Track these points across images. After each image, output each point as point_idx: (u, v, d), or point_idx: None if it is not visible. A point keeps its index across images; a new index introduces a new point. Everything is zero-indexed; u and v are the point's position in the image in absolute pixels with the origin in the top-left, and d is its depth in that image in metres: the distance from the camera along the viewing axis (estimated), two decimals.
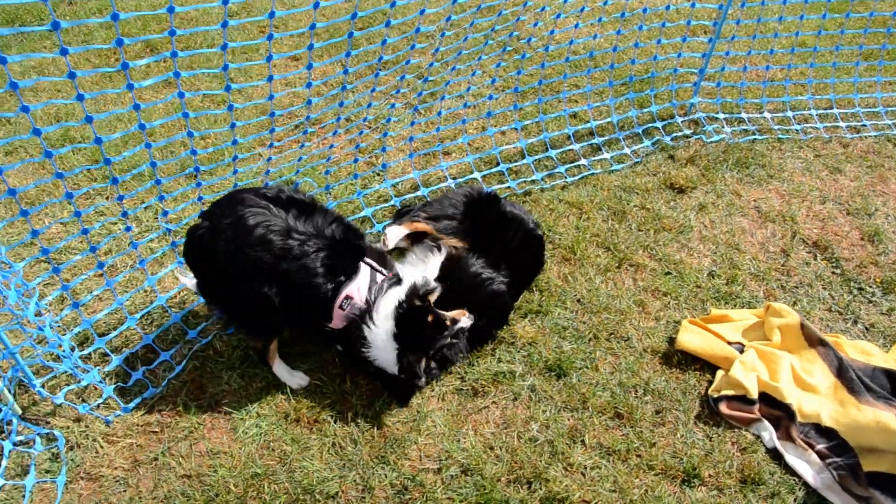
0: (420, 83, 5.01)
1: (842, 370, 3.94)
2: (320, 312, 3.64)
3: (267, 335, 3.77)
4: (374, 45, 4.59)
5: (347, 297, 3.64)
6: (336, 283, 3.61)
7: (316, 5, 3.65)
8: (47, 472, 3.42)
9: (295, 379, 3.86)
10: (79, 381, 3.68)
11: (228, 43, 3.50)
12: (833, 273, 4.74)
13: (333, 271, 3.59)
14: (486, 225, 4.24)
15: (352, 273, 3.68)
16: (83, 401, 3.70)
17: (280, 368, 3.86)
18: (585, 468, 3.54)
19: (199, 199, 4.19)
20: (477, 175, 5.24)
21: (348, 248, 3.71)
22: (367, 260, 3.78)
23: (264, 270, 3.43)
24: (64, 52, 3.07)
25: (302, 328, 3.95)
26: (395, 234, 4.24)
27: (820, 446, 3.68)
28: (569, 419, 3.76)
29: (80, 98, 3.25)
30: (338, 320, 3.66)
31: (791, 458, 3.64)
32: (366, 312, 3.64)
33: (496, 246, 4.17)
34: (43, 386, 3.66)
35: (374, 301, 3.67)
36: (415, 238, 4.31)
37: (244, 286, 3.47)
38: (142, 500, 3.33)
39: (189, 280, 3.95)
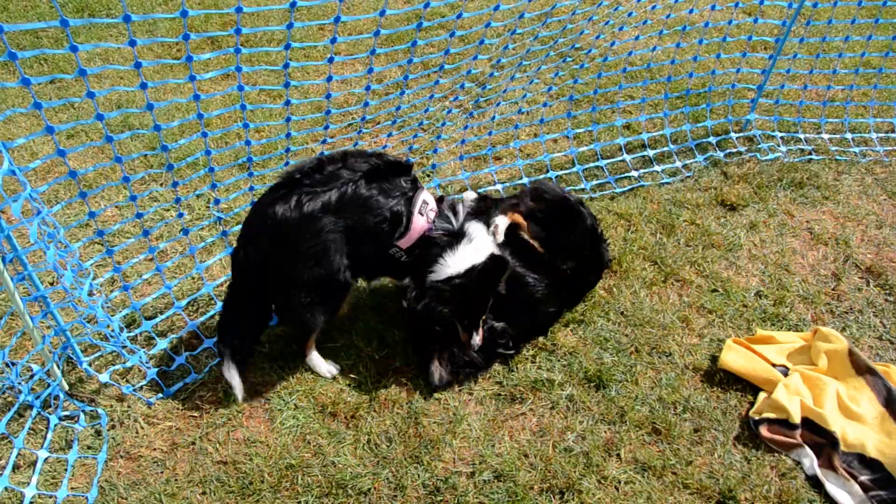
0: (479, 90, 5.03)
1: (891, 400, 3.84)
2: (390, 232, 3.67)
3: (325, 317, 3.76)
4: (436, 55, 4.61)
5: (425, 202, 3.72)
6: (403, 195, 3.67)
7: (382, 12, 3.68)
8: (89, 448, 3.51)
9: (327, 367, 3.92)
10: (124, 362, 3.77)
11: (291, 43, 3.55)
12: (886, 300, 4.62)
13: (391, 188, 3.65)
14: (562, 232, 4.23)
15: (415, 186, 3.75)
16: (127, 381, 3.79)
17: (315, 358, 3.91)
18: (619, 482, 3.51)
19: (251, 188, 4.25)
20: (525, 181, 5.23)
21: (397, 167, 3.75)
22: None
23: (327, 241, 3.46)
24: (132, 43, 3.16)
25: (371, 272, 3.96)
26: (503, 225, 4.16)
27: (863, 477, 3.58)
28: (605, 432, 3.73)
29: (143, 86, 3.34)
30: (415, 232, 3.70)
31: (832, 488, 3.55)
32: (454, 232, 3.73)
33: (563, 254, 4.18)
34: (90, 364, 3.76)
35: (463, 224, 3.76)
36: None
37: (308, 269, 3.49)
38: (178, 482, 3.39)
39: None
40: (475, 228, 3.81)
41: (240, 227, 4.42)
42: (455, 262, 3.71)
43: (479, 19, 6.35)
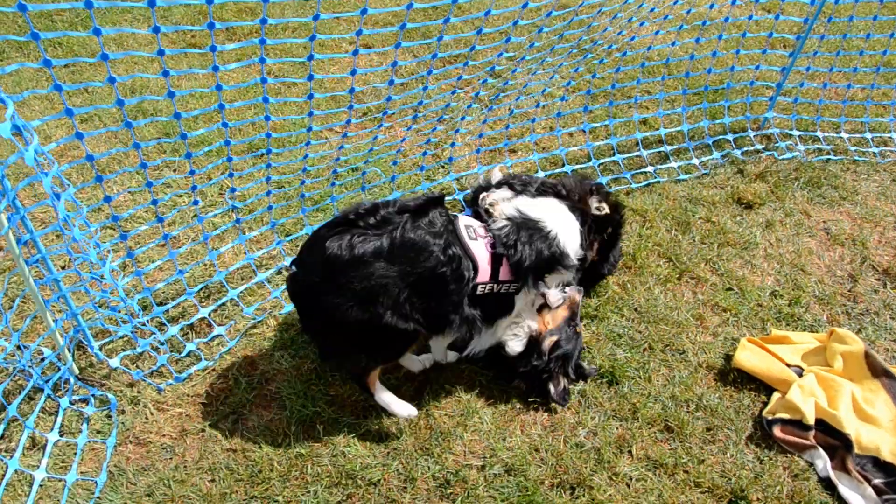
0: (500, 86, 5.00)
1: None
2: (456, 276, 3.42)
3: (372, 363, 3.56)
4: (461, 51, 4.58)
5: (467, 226, 3.55)
6: (446, 230, 3.45)
7: (409, 6, 3.64)
8: (98, 432, 3.51)
9: (403, 408, 3.63)
10: (135, 347, 3.76)
11: (316, 34, 3.51)
12: None
13: (431, 223, 3.44)
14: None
15: (449, 217, 3.56)
16: (137, 367, 3.79)
17: (384, 397, 3.63)
18: (631, 479, 3.48)
19: (268, 179, 4.24)
20: (541, 174, 5.20)
21: (430, 203, 3.55)
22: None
23: (377, 286, 3.25)
24: (156, 29, 3.15)
25: (440, 322, 3.52)
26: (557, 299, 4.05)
27: (877, 481, 3.54)
28: (617, 428, 3.70)
29: (165, 74, 3.32)
30: (483, 261, 3.50)
31: (845, 490, 3.51)
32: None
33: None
34: (101, 349, 3.75)
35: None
36: None
37: (353, 311, 3.25)
38: (186, 469, 3.38)
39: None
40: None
41: (252, 216, 4.44)
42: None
43: (504, 17, 6.32)
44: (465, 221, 3.61)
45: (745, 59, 6.29)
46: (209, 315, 4.05)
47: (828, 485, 3.54)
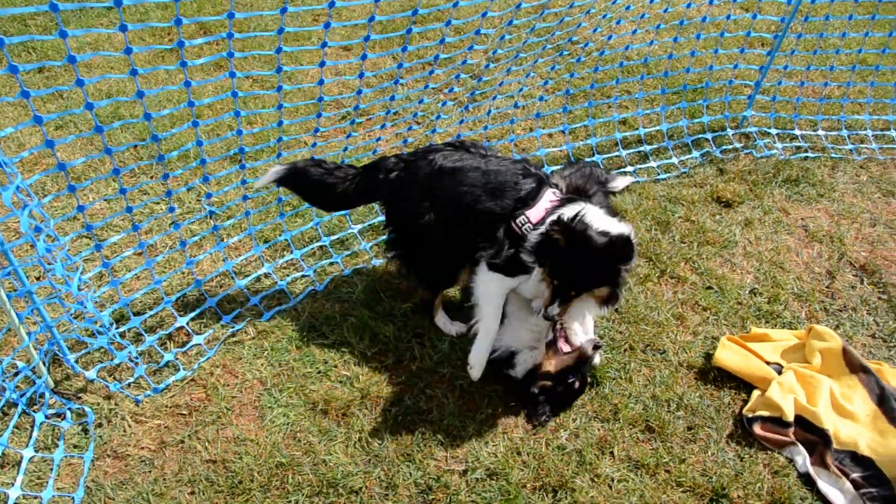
0: (474, 82, 4.98)
1: (883, 399, 3.82)
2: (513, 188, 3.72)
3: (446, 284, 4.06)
4: (431, 43, 4.56)
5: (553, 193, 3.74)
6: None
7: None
8: (75, 447, 3.46)
9: (453, 326, 4.13)
10: (112, 359, 3.72)
11: (284, 27, 3.49)
12: (879, 298, 4.60)
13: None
14: None
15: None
16: (115, 378, 3.74)
17: (441, 319, 4.14)
18: (613, 480, 3.48)
19: (243, 182, 4.20)
20: None
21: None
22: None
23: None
24: (123, 28, 3.10)
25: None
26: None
27: (855, 475, 3.57)
28: (599, 429, 3.70)
29: (133, 73, 3.28)
30: (542, 205, 3.66)
31: (824, 485, 3.53)
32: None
33: None
34: (77, 361, 3.71)
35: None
36: None
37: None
38: (166, 481, 3.34)
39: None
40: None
41: (230, 222, 4.41)
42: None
43: (474, 9, 6.29)
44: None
45: (724, 58, 6.31)
46: (187, 324, 4.01)
47: (807, 480, 3.56)
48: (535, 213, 3.61)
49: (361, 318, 4.13)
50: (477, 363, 3.77)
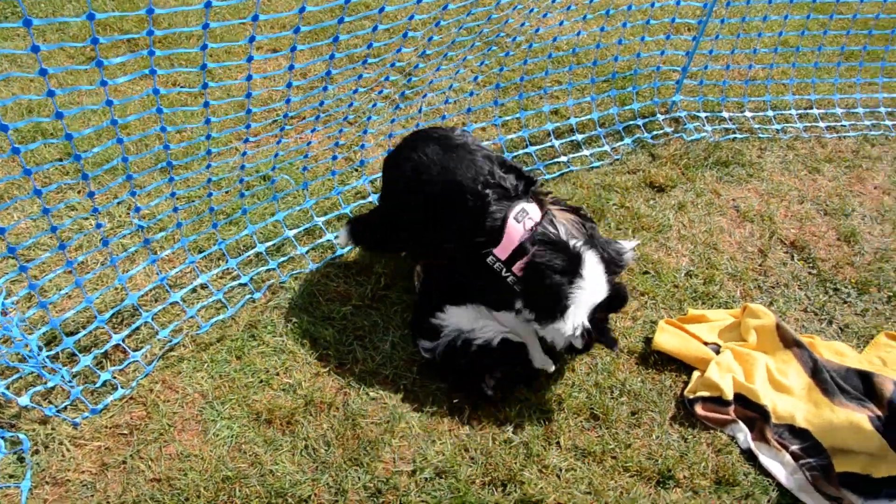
0: (404, 82, 4.96)
1: (816, 371, 3.94)
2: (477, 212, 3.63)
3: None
4: (359, 49, 4.53)
5: (523, 210, 3.59)
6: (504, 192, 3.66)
7: (301, 9, 3.57)
8: (11, 476, 3.35)
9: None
10: (45, 383, 3.61)
11: (209, 44, 3.42)
12: (809, 273, 4.73)
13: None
14: None
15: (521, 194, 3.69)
16: (50, 402, 3.63)
17: None
18: (560, 470, 3.52)
19: (173, 194, 4.12)
20: None
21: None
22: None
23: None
24: (35, 49, 2.97)
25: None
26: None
27: (794, 447, 3.68)
28: (544, 420, 3.73)
29: (50, 94, 3.15)
30: (511, 239, 3.56)
31: (765, 459, 3.64)
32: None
33: None
34: (8, 388, 3.59)
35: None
36: None
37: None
38: None
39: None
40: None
41: (162, 234, 4.32)
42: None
43: (403, 12, 6.27)
44: (524, 205, 3.62)
45: (651, 45, 6.41)
46: (123, 341, 3.91)
47: (749, 456, 3.67)
48: None
49: (301, 323, 4.09)
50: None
